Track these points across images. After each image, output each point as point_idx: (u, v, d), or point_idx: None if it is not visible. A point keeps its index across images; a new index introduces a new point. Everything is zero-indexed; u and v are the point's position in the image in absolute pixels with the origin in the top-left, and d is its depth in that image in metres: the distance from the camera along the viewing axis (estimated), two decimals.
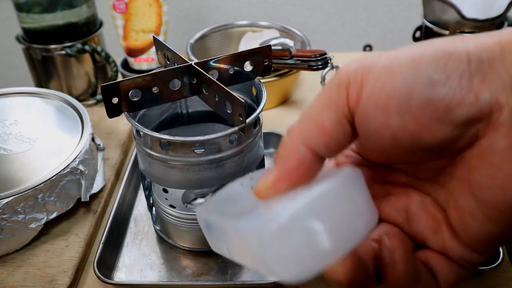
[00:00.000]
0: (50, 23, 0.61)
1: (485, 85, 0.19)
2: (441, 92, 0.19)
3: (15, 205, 0.42)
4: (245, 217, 0.21)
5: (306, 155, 0.22)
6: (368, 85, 0.21)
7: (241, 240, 0.21)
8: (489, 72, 0.19)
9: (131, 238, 0.47)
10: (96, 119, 0.62)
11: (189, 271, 0.43)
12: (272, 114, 0.66)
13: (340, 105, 0.21)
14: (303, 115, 0.22)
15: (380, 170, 0.26)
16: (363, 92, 0.21)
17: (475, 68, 0.19)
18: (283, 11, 1.09)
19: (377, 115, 0.20)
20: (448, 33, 0.63)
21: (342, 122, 0.21)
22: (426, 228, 0.24)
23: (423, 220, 0.24)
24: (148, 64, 0.71)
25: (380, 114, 0.20)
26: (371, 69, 0.21)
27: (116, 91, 0.35)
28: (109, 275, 0.42)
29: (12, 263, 0.43)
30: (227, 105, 0.34)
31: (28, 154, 0.47)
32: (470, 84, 0.19)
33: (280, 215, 0.20)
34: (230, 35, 0.75)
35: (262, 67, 0.40)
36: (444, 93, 0.19)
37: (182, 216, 0.42)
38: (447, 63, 0.19)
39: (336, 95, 0.21)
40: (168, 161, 0.36)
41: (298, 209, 0.20)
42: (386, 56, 0.21)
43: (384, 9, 1.09)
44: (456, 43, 0.20)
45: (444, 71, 0.19)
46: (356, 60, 0.22)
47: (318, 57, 0.58)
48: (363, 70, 0.21)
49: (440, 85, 0.19)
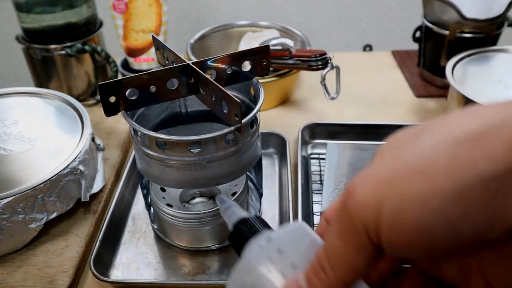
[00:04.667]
0: (50, 23, 0.62)
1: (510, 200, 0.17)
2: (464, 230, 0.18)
3: (15, 205, 0.42)
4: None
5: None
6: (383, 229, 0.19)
7: None
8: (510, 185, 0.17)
9: (129, 236, 0.47)
10: (96, 119, 0.62)
11: (186, 270, 0.43)
12: (272, 114, 0.66)
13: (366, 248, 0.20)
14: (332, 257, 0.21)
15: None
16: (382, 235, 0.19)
17: (494, 189, 0.17)
18: (283, 11, 1.09)
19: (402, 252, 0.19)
20: (448, 33, 0.63)
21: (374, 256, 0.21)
22: (457, 273, 0.23)
23: (455, 266, 0.23)
24: (148, 64, 0.71)
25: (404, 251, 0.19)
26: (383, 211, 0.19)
27: (113, 90, 0.35)
28: (105, 273, 0.42)
29: (12, 263, 0.43)
30: (223, 105, 0.34)
31: (28, 154, 0.47)
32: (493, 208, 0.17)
33: None
34: (230, 35, 0.75)
35: (260, 67, 0.40)
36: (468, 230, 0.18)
37: (179, 215, 0.42)
38: (461, 196, 0.17)
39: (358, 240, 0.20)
40: (165, 160, 0.36)
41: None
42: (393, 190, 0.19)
43: (384, 9, 1.09)
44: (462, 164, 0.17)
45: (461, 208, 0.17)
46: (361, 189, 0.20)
47: (318, 57, 0.58)
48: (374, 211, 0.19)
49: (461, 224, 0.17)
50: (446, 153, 0.18)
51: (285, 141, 0.55)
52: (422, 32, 0.70)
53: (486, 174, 0.17)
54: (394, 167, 0.19)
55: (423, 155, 0.18)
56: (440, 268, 0.24)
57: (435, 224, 0.18)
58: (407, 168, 0.18)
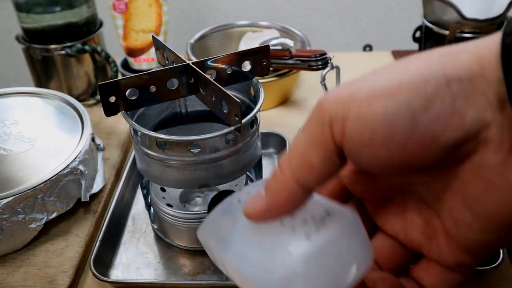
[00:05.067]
0: (50, 23, 0.62)
1: (469, 105, 0.19)
2: (423, 120, 0.19)
3: (15, 205, 0.42)
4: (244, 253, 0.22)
5: (296, 191, 0.22)
6: (350, 123, 0.20)
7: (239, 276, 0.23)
8: (471, 90, 0.19)
9: (129, 236, 0.47)
10: (96, 119, 0.62)
11: (186, 270, 0.43)
12: (272, 114, 0.66)
13: (326, 143, 0.21)
14: (291, 150, 0.22)
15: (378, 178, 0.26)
16: (346, 130, 0.20)
17: (456, 89, 0.19)
18: (283, 11, 1.09)
19: (364, 149, 0.20)
20: (448, 33, 0.63)
21: (331, 157, 0.21)
22: (422, 235, 0.24)
23: (419, 227, 0.24)
24: (148, 64, 0.71)
25: (366, 148, 0.20)
26: (351, 104, 0.20)
27: (113, 90, 0.35)
28: (105, 273, 0.42)
29: (12, 263, 0.43)
30: (223, 105, 0.34)
31: (28, 154, 0.47)
32: (452, 107, 0.19)
33: (281, 266, 0.21)
34: (230, 35, 0.75)
35: (260, 67, 0.40)
36: (427, 122, 0.19)
37: (179, 215, 0.42)
38: (426, 89, 0.19)
39: (320, 132, 0.21)
40: (165, 160, 0.36)
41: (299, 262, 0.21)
42: (365, 85, 0.20)
43: (384, 9, 1.09)
44: (431, 66, 0.19)
45: (424, 99, 0.19)
46: (336, 90, 0.21)
47: (318, 57, 0.58)
48: (343, 104, 0.20)
49: (421, 114, 0.19)
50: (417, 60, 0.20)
51: (285, 141, 0.55)
52: (422, 32, 0.70)
53: (451, 75, 0.19)
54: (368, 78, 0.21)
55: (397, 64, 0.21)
56: (405, 230, 0.25)
57: (398, 114, 0.19)
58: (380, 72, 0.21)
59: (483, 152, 0.19)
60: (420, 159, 0.20)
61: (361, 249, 0.23)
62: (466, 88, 0.19)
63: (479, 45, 0.19)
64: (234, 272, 0.23)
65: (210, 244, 0.25)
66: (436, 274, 0.24)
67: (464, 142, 0.19)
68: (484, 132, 0.19)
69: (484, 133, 0.19)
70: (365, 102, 0.20)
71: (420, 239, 0.24)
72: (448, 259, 0.23)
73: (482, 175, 0.20)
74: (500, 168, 0.19)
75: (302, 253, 0.21)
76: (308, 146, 0.21)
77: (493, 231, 0.21)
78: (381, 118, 0.19)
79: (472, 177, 0.20)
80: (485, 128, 0.19)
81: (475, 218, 0.21)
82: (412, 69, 0.20)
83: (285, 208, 0.22)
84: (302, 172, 0.21)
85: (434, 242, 0.24)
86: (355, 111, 0.20)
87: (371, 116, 0.20)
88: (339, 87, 0.21)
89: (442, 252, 0.23)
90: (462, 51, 0.19)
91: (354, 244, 0.23)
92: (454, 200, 0.22)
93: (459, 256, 0.23)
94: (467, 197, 0.21)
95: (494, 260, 0.40)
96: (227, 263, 0.24)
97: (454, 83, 0.19)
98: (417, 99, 0.19)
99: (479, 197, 0.20)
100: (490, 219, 0.20)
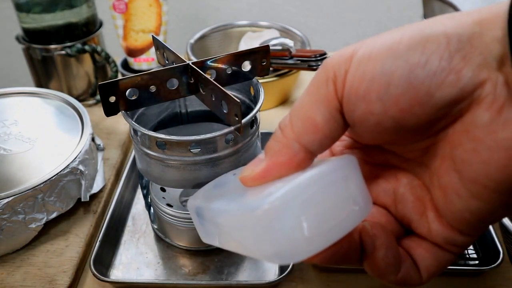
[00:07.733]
0: (50, 23, 0.62)
1: (466, 63, 0.19)
2: (420, 75, 0.19)
3: (15, 205, 0.42)
4: (233, 199, 0.21)
5: (299, 152, 0.22)
6: (349, 75, 0.21)
7: (229, 222, 0.21)
8: (469, 50, 0.19)
9: (129, 236, 0.47)
10: (96, 119, 0.62)
11: (186, 270, 0.43)
12: (272, 114, 0.66)
13: (330, 99, 0.21)
14: (294, 111, 0.22)
15: (370, 152, 0.26)
16: (346, 82, 0.21)
17: (455, 47, 0.19)
18: (283, 11, 1.09)
19: (360, 103, 0.21)
20: None
21: (335, 116, 0.21)
22: (412, 210, 0.24)
23: (409, 202, 0.24)
24: (148, 64, 0.71)
25: (362, 102, 0.20)
26: (353, 58, 0.21)
27: (113, 89, 0.35)
28: (105, 273, 0.42)
29: (12, 263, 0.43)
30: (223, 105, 0.34)
31: (28, 154, 0.47)
32: (450, 64, 0.19)
33: (270, 196, 0.20)
34: (230, 35, 0.75)
35: (260, 67, 0.40)
36: (423, 76, 0.19)
37: (179, 215, 0.42)
38: (425, 46, 0.19)
39: (324, 89, 0.21)
40: (165, 160, 0.36)
41: (288, 191, 0.20)
42: (367, 43, 0.21)
43: (384, 9, 1.09)
44: (434, 25, 0.20)
45: (422, 54, 0.19)
46: (340, 50, 0.22)
47: (318, 57, 0.58)
48: (346, 60, 0.21)
49: (419, 69, 0.19)
50: (420, 22, 0.21)
51: None
52: None
53: (452, 34, 0.19)
54: (372, 38, 0.21)
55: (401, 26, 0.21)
56: (396, 205, 0.25)
57: (396, 68, 0.20)
58: (384, 33, 0.21)
59: (475, 111, 0.19)
60: (413, 117, 0.20)
61: (360, 187, 0.23)
62: (464, 47, 0.19)
63: (482, 10, 0.20)
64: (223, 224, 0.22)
65: (199, 206, 0.24)
66: (427, 247, 0.24)
67: (458, 101, 0.19)
68: (478, 90, 0.19)
69: (478, 91, 0.19)
70: (366, 56, 0.20)
71: (410, 215, 0.24)
72: (437, 235, 0.23)
73: (472, 134, 0.20)
74: (490, 126, 0.19)
75: (291, 184, 0.20)
76: (312, 105, 0.21)
77: (480, 197, 0.20)
78: (378, 70, 0.20)
79: (462, 138, 0.20)
80: (479, 86, 0.19)
81: (462, 181, 0.21)
82: (414, 28, 0.20)
83: (284, 169, 0.22)
84: (305, 132, 0.21)
85: (424, 218, 0.23)
86: (355, 64, 0.21)
87: (369, 68, 0.20)
88: (343, 48, 0.22)
89: (431, 229, 0.23)
90: (465, 15, 0.20)
91: (352, 182, 0.22)
92: (443, 167, 0.21)
93: (448, 232, 0.23)
94: (456, 160, 0.21)
95: (494, 260, 0.40)
96: (211, 217, 0.22)
97: (453, 42, 0.19)
98: (416, 54, 0.19)
99: (467, 158, 0.20)
100: (477, 181, 0.20)
